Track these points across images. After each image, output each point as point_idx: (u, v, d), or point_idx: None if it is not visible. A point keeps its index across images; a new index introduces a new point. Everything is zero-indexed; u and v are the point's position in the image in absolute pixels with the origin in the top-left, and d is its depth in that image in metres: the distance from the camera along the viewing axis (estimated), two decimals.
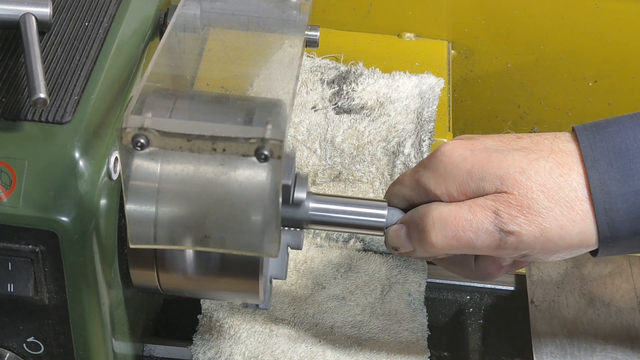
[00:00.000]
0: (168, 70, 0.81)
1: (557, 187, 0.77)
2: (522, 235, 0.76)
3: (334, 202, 0.85)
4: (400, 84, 1.12)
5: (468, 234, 0.78)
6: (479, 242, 0.78)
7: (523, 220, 0.76)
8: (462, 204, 0.79)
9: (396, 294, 1.00)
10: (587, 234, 0.77)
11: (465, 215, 0.78)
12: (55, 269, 0.74)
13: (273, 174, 0.70)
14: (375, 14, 1.26)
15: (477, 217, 0.77)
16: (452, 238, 0.78)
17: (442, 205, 0.80)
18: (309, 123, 1.07)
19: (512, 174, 0.77)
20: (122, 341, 0.85)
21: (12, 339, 0.79)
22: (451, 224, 0.78)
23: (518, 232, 0.76)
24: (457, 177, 0.79)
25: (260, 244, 0.72)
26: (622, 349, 0.95)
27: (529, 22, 1.25)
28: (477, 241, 0.78)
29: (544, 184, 0.76)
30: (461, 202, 0.79)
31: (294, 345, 0.94)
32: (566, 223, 0.76)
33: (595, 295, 1.01)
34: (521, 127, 1.37)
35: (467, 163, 0.79)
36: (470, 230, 0.78)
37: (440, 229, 0.79)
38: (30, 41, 0.75)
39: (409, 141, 1.06)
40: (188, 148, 0.67)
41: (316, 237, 1.05)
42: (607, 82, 1.30)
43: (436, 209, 0.80)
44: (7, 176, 0.72)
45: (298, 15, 0.88)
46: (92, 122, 0.75)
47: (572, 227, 0.76)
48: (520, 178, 0.77)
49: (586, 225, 0.77)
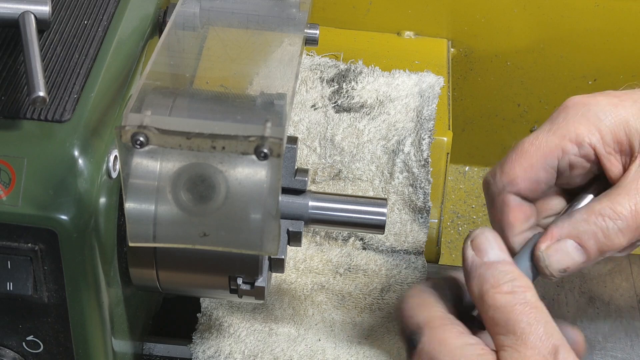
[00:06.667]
0: (167, 68, 0.81)
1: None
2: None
3: (333, 200, 0.85)
4: (400, 82, 1.12)
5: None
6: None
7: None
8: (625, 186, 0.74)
9: (395, 293, 1.00)
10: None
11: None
12: (55, 268, 0.74)
13: (272, 172, 0.70)
14: (374, 12, 1.26)
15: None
16: (636, 229, 0.74)
17: (606, 195, 0.75)
18: (308, 121, 1.07)
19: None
20: (121, 340, 0.85)
21: (11, 337, 0.79)
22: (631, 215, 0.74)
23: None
24: (613, 123, 0.75)
25: (260, 242, 0.72)
26: (622, 348, 0.95)
27: (529, 20, 1.25)
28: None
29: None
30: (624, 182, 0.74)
31: (294, 344, 0.94)
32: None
33: (595, 293, 1.01)
34: (521, 125, 1.37)
35: (620, 109, 0.75)
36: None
37: (622, 225, 0.74)
38: (30, 39, 0.75)
39: (408, 139, 1.06)
40: (187, 146, 0.67)
41: (316, 235, 1.05)
42: (607, 81, 1.30)
43: (607, 203, 0.75)
44: (7, 174, 0.72)
45: (297, 13, 0.88)
46: (92, 121, 0.75)
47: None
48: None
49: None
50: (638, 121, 0.76)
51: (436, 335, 0.72)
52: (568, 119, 0.78)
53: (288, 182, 0.83)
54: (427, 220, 1.04)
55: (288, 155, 0.83)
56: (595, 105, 0.77)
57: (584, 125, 0.77)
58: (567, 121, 0.78)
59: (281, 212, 0.83)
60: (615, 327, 0.97)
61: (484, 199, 1.41)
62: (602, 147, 0.77)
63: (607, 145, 0.77)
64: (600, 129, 0.77)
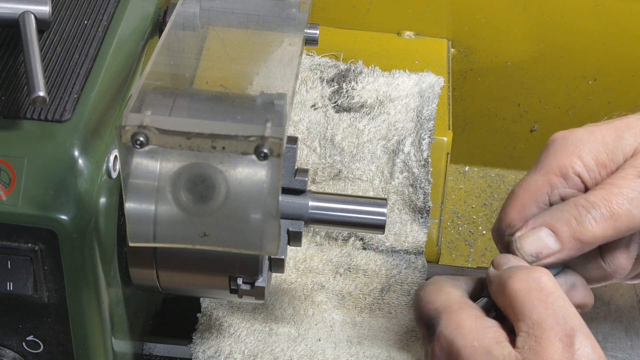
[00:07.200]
0: (167, 68, 0.81)
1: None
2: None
3: (333, 200, 0.85)
4: (400, 82, 1.12)
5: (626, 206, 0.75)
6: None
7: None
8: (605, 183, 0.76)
9: (395, 293, 0.99)
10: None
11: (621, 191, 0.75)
12: (55, 268, 0.74)
13: (272, 172, 0.70)
14: (374, 12, 1.26)
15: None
16: (609, 218, 0.76)
17: (587, 193, 0.77)
18: (308, 121, 1.07)
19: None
20: (121, 340, 0.85)
21: (11, 337, 0.79)
22: (606, 205, 0.76)
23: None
24: (592, 148, 0.77)
25: (260, 242, 0.72)
26: (622, 348, 0.95)
27: (529, 20, 1.25)
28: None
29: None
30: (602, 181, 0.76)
31: (294, 344, 0.94)
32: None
33: (595, 293, 1.00)
34: (521, 125, 1.37)
35: (596, 134, 0.77)
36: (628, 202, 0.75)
37: (595, 213, 0.76)
38: (30, 39, 0.75)
39: (408, 139, 1.06)
40: (187, 146, 0.67)
41: (316, 235, 1.05)
42: (607, 81, 1.30)
43: (584, 196, 0.77)
44: (7, 174, 0.72)
45: (297, 13, 0.88)
46: (92, 121, 0.75)
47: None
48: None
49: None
50: (616, 140, 0.78)
51: (454, 319, 0.74)
52: (549, 155, 0.81)
53: (288, 182, 0.83)
54: (427, 220, 1.04)
55: (288, 155, 0.83)
56: (573, 137, 0.79)
57: (565, 157, 0.79)
58: (548, 157, 0.80)
59: (281, 212, 0.83)
60: (615, 327, 0.97)
61: (484, 198, 1.42)
62: (586, 173, 0.79)
63: (591, 171, 0.78)
64: (580, 156, 0.79)
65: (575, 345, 0.70)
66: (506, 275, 0.75)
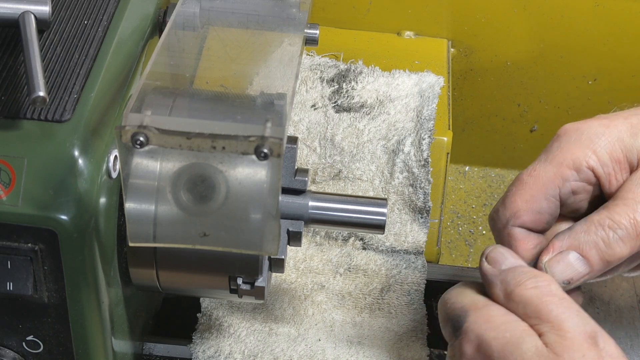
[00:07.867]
0: (167, 68, 0.81)
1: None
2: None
3: (333, 200, 0.85)
4: (400, 82, 1.12)
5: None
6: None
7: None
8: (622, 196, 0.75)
9: (395, 293, 0.99)
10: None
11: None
12: (55, 268, 0.74)
13: (272, 172, 0.70)
14: (374, 12, 1.26)
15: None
16: (636, 237, 0.75)
17: (604, 207, 0.76)
18: (308, 121, 1.07)
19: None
20: (121, 340, 0.85)
21: (11, 337, 0.79)
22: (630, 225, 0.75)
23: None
24: (607, 143, 0.76)
25: (260, 242, 0.72)
26: (622, 348, 0.95)
27: (529, 20, 1.25)
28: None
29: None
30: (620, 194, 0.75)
31: (294, 344, 0.94)
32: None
33: (595, 293, 1.00)
34: (521, 125, 1.37)
35: (612, 128, 0.76)
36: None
37: (622, 234, 0.75)
38: (30, 39, 0.75)
39: (408, 139, 1.06)
40: (187, 146, 0.67)
41: (316, 235, 1.05)
42: (607, 81, 1.30)
43: (608, 214, 0.76)
44: (7, 174, 0.72)
45: (297, 13, 0.88)
46: (92, 121, 0.75)
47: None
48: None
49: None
50: (632, 137, 0.77)
51: (482, 314, 0.74)
52: (562, 146, 0.79)
53: (288, 182, 0.83)
54: (427, 220, 1.05)
55: (288, 155, 0.83)
56: (588, 129, 0.78)
57: (579, 150, 0.78)
58: (561, 149, 0.79)
59: (281, 212, 0.83)
60: (615, 327, 0.97)
61: (484, 198, 1.42)
62: (600, 168, 0.78)
63: (605, 166, 0.78)
64: (595, 150, 0.77)
65: (600, 344, 0.71)
66: (512, 282, 0.74)
